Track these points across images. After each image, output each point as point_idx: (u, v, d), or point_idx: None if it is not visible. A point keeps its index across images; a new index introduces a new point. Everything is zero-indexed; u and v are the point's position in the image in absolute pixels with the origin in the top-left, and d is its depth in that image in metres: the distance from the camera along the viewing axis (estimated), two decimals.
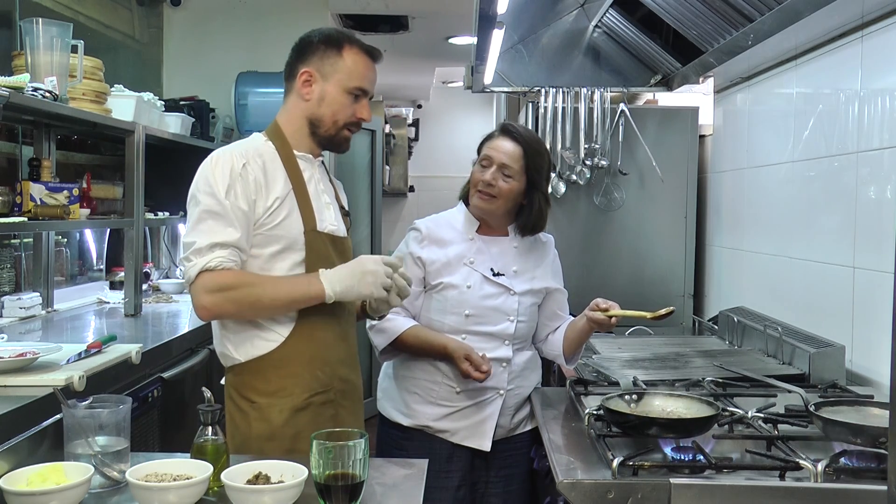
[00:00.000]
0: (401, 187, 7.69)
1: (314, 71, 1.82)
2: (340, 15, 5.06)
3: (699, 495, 1.40)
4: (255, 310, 1.73)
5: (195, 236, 1.70)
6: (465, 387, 2.09)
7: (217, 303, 1.69)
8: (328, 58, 1.82)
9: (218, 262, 1.68)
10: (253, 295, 1.70)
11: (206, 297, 1.68)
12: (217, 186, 1.70)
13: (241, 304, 1.71)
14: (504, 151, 2.11)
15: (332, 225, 1.85)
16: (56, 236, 3.33)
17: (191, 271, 1.69)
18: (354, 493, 1.31)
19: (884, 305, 1.95)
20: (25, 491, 1.29)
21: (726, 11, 2.43)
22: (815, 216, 2.39)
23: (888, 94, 2.01)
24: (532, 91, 3.49)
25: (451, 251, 2.13)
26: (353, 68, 1.82)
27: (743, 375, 2.04)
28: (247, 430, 1.75)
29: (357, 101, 1.84)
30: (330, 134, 1.85)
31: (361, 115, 1.85)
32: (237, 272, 1.71)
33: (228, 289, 1.68)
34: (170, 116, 3.72)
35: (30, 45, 2.62)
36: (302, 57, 1.84)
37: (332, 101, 1.82)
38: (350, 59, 1.82)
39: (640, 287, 3.39)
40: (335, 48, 1.82)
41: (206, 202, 1.70)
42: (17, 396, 1.79)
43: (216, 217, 1.70)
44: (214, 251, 1.68)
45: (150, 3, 4.53)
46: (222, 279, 1.68)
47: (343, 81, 1.81)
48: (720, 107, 3.26)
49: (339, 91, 1.82)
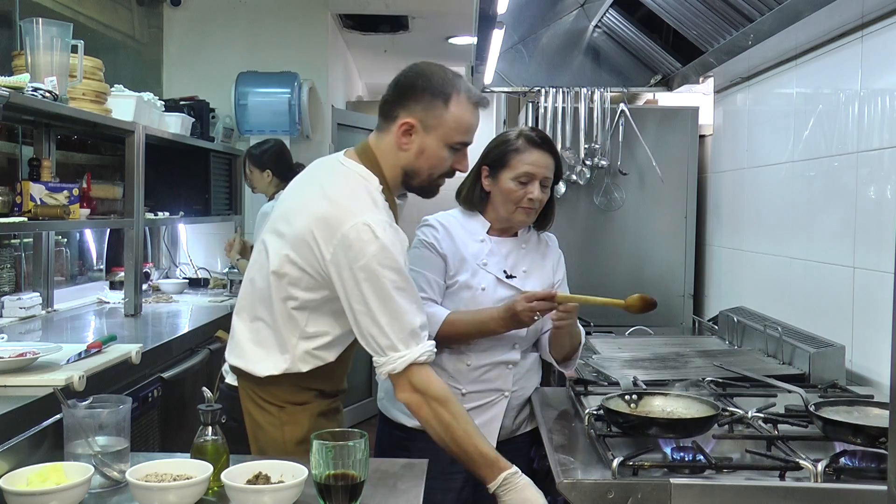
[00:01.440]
0: None
1: (416, 122, 1.69)
2: (340, 15, 5.05)
3: (699, 495, 1.40)
4: (436, 433, 1.63)
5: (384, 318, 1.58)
6: (470, 389, 2.08)
7: (418, 404, 1.61)
8: (433, 109, 1.68)
9: (427, 356, 1.60)
10: (448, 425, 1.61)
11: (411, 393, 1.61)
12: (399, 260, 1.60)
13: (438, 421, 1.61)
14: (544, 165, 2.07)
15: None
16: (56, 236, 3.33)
17: (397, 364, 1.59)
18: (354, 493, 1.31)
19: (884, 305, 1.95)
20: (25, 491, 1.29)
21: (726, 11, 2.43)
22: (815, 216, 2.39)
23: (888, 94, 2.01)
24: (532, 91, 3.49)
25: (464, 251, 2.11)
26: (459, 122, 1.70)
27: (743, 375, 2.04)
28: (277, 433, 1.71)
29: (457, 153, 1.74)
30: (424, 185, 1.76)
31: (459, 168, 1.76)
32: (446, 390, 1.63)
33: (433, 398, 1.60)
34: (170, 116, 3.73)
35: (30, 45, 2.62)
36: (404, 103, 1.70)
37: (432, 156, 1.71)
38: (457, 111, 1.69)
39: (640, 287, 3.35)
40: (441, 99, 1.69)
41: (393, 279, 1.59)
42: (17, 396, 1.79)
43: (404, 294, 1.59)
44: (418, 342, 1.60)
45: (150, 3, 4.53)
46: (428, 384, 1.60)
47: (447, 136, 1.70)
48: (720, 107, 3.26)
49: (440, 146, 1.70)
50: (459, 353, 2.07)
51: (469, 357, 2.07)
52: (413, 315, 1.60)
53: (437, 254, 2.09)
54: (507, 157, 2.09)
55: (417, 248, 2.11)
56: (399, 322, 1.59)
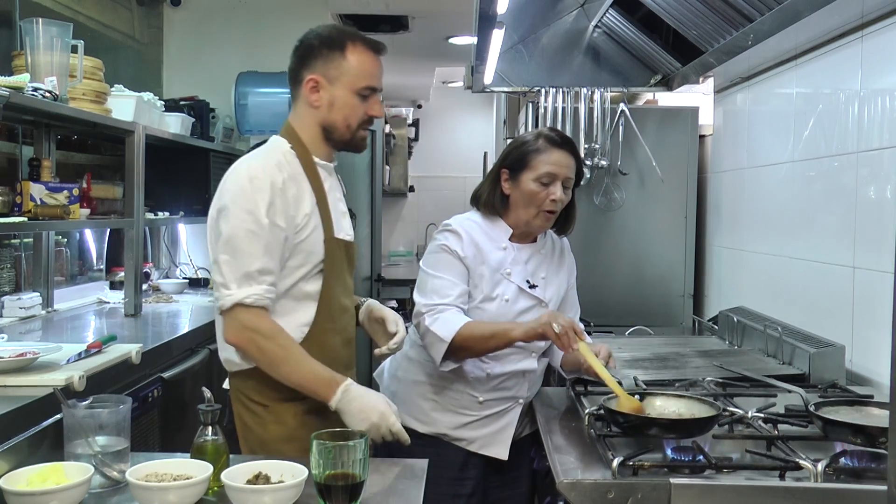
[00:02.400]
0: (401, 187, 7.69)
1: (320, 77, 1.77)
2: (340, 15, 5.06)
3: (699, 495, 1.40)
4: (270, 368, 1.69)
5: (229, 256, 1.66)
6: (488, 397, 2.06)
7: (245, 342, 1.67)
8: (332, 61, 1.77)
9: (254, 298, 1.65)
10: (276, 356, 1.67)
11: (238, 332, 1.66)
12: (258, 204, 1.66)
13: (264, 355, 1.68)
14: (566, 165, 2.04)
15: (348, 234, 1.85)
16: (56, 236, 3.33)
17: (225, 301, 1.66)
18: (354, 494, 1.31)
19: (884, 305, 1.95)
20: (25, 491, 1.29)
21: (726, 11, 2.43)
22: (815, 216, 2.39)
23: (888, 94, 2.01)
24: (532, 91, 3.49)
25: (488, 260, 2.05)
26: (359, 68, 1.77)
27: (743, 375, 2.04)
28: (262, 432, 1.74)
29: (367, 99, 1.79)
30: (346, 138, 1.81)
31: (373, 113, 1.81)
32: (274, 326, 1.68)
33: (260, 334, 1.66)
34: (170, 116, 3.72)
35: (30, 45, 2.62)
36: (305, 62, 1.79)
37: (343, 106, 1.78)
38: (355, 58, 1.77)
39: (640, 287, 3.39)
40: (338, 50, 1.77)
41: (243, 220, 1.66)
42: (17, 396, 1.79)
43: (254, 239, 1.66)
44: (251, 284, 1.65)
45: (150, 3, 4.53)
46: (258, 322, 1.66)
47: (351, 83, 1.77)
48: (720, 107, 3.26)
49: (348, 94, 1.77)
50: (480, 361, 2.04)
51: (489, 365, 2.05)
52: (253, 258, 1.66)
53: (460, 260, 2.04)
54: (527, 157, 2.05)
55: (440, 253, 2.06)
56: (237, 262, 1.66)
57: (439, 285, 2.00)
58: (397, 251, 8.03)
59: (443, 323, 1.94)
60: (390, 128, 7.28)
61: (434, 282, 2.02)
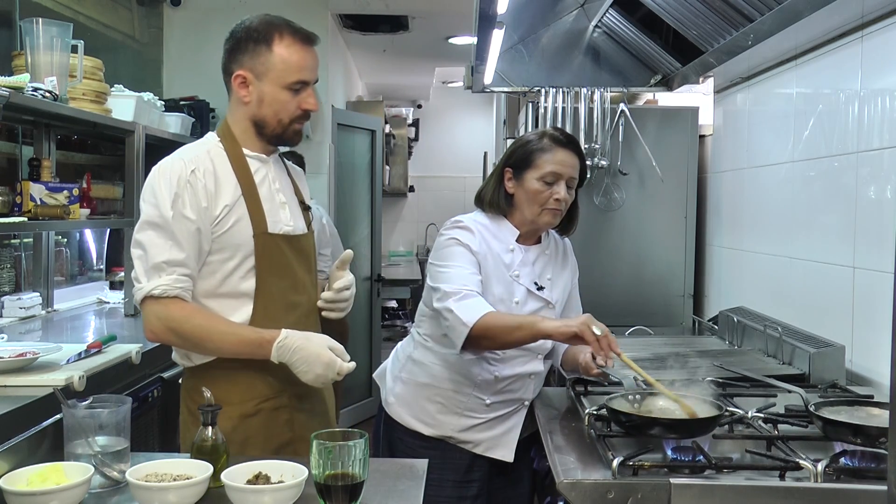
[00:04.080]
0: (401, 187, 7.69)
1: (247, 73, 1.73)
2: (340, 15, 5.06)
3: (699, 495, 1.40)
4: (198, 349, 1.70)
5: (140, 250, 1.66)
6: (495, 399, 2.05)
7: (163, 332, 1.67)
8: (259, 56, 1.72)
9: (162, 289, 1.63)
10: (197, 336, 1.67)
11: (153, 326, 1.66)
12: (162, 197, 1.65)
13: (186, 339, 1.68)
14: (570, 165, 2.02)
15: (288, 225, 1.78)
16: (56, 236, 3.33)
17: (137, 295, 1.66)
18: (354, 493, 1.31)
19: (884, 305, 1.95)
20: (25, 491, 1.29)
21: (726, 11, 2.43)
22: (815, 216, 2.39)
23: (888, 94, 2.01)
24: (532, 91, 3.49)
25: (498, 260, 2.04)
26: (287, 62, 1.72)
27: (743, 375, 2.04)
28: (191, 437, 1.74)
29: (299, 93, 1.74)
30: (277, 133, 1.77)
31: (307, 107, 1.76)
32: (186, 308, 1.66)
33: (174, 320, 1.65)
34: (170, 116, 3.73)
35: (30, 45, 2.63)
36: (233, 57, 1.75)
37: (272, 101, 1.73)
38: (282, 52, 1.72)
39: (640, 287, 3.39)
40: (264, 44, 1.72)
41: (149, 215, 1.66)
42: (17, 396, 1.80)
43: (160, 231, 1.65)
44: (160, 275, 1.64)
45: (150, 3, 4.53)
46: (168, 311, 1.65)
47: (279, 79, 1.72)
48: (720, 107, 3.26)
49: (277, 90, 1.72)
50: (488, 363, 2.04)
51: (497, 367, 2.04)
52: (160, 250, 1.65)
53: (472, 254, 2.00)
54: (532, 156, 2.03)
55: (453, 247, 2.01)
56: (146, 255, 1.66)
57: (460, 273, 1.95)
58: (397, 251, 8.04)
59: (467, 308, 1.87)
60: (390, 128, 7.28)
61: (452, 271, 1.96)
